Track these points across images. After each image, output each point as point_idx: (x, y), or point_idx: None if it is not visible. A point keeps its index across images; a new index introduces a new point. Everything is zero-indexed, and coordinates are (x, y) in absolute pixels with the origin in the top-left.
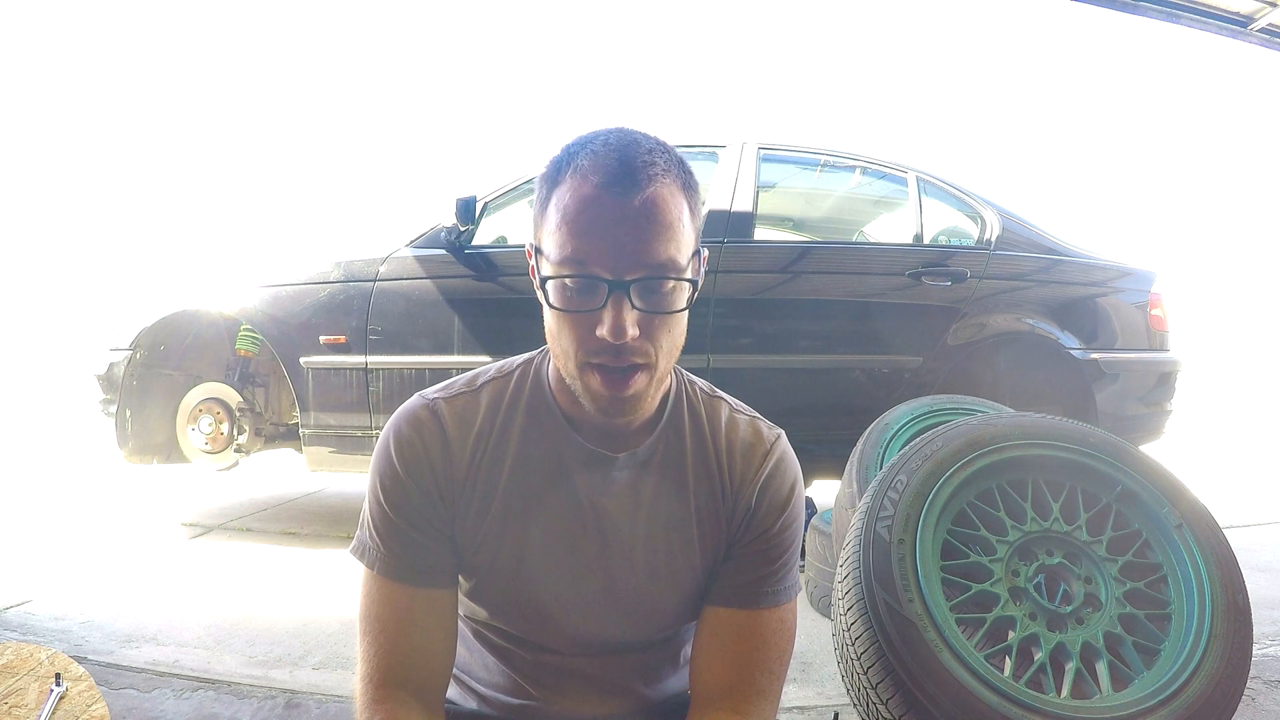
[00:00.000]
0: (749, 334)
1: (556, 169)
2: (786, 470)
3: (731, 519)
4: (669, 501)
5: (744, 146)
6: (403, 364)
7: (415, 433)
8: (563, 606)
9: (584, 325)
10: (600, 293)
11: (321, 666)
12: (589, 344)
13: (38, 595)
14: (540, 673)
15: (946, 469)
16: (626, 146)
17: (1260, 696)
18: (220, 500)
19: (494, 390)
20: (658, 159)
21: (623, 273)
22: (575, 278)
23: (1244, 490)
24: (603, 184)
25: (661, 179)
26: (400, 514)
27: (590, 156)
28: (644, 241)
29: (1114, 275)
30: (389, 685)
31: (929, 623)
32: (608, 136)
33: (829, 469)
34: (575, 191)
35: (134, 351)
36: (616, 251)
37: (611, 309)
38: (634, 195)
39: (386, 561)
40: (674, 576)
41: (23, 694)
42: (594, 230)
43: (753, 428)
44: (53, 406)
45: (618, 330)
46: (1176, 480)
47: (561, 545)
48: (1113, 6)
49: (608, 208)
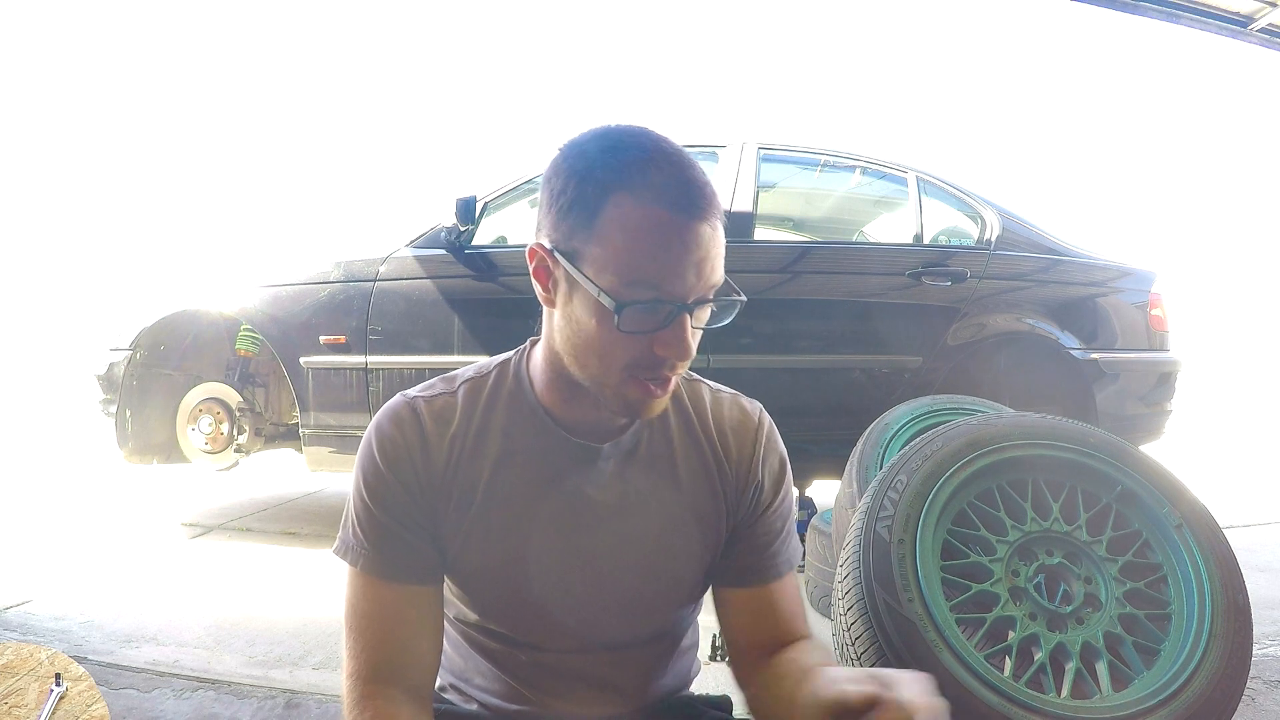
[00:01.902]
0: (749, 334)
1: (608, 175)
2: (777, 440)
3: (738, 499)
4: (659, 487)
5: (744, 146)
6: (403, 364)
7: (396, 429)
8: (556, 601)
9: (639, 344)
10: (662, 312)
11: (321, 666)
12: (642, 360)
13: (38, 595)
14: (536, 675)
15: (946, 469)
16: (687, 166)
17: (1260, 696)
18: (220, 500)
19: (471, 389)
20: (708, 182)
21: (687, 295)
22: (652, 303)
23: (1244, 490)
24: (679, 207)
25: (715, 202)
26: (384, 510)
27: (658, 174)
28: (709, 267)
29: (1114, 275)
30: (377, 682)
31: (929, 623)
32: (663, 147)
33: (829, 469)
34: (646, 211)
35: (134, 351)
36: (691, 276)
37: (676, 330)
38: (707, 219)
39: (371, 559)
40: (669, 562)
41: (23, 694)
42: (670, 254)
43: (737, 405)
44: (53, 406)
45: (683, 351)
46: (1176, 480)
47: (551, 540)
48: (1113, 6)
49: (685, 232)
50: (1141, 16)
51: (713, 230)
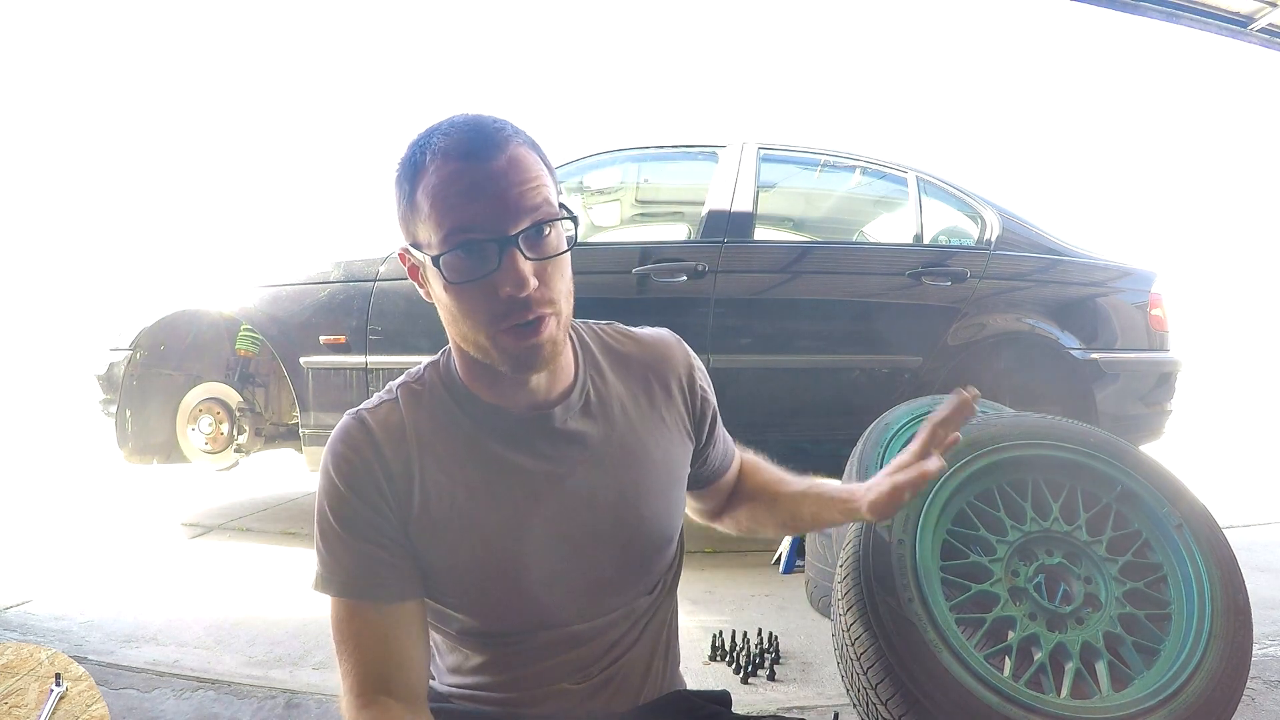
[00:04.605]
0: (749, 334)
1: (412, 163)
2: (689, 349)
3: (697, 413)
4: (618, 431)
5: (744, 146)
6: (403, 364)
7: (349, 448)
8: (546, 583)
9: (484, 293)
10: (491, 255)
11: (321, 666)
12: (495, 308)
13: (38, 595)
14: (532, 662)
15: (946, 469)
16: (473, 121)
17: (1260, 696)
18: (220, 500)
19: (409, 394)
20: (505, 126)
21: (505, 228)
22: (465, 246)
23: (1244, 490)
24: (464, 154)
25: (515, 139)
26: (353, 531)
27: (443, 138)
28: (518, 194)
29: (1114, 275)
30: (373, 693)
31: (929, 623)
32: (452, 119)
33: (829, 469)
34: (440, 171)
35: (134, 351)
36: (496, 210)
37: (507, 266)
38: (497, 157)
39: (350, 584)
40: (648, 499)
41: (23, 694)
42: (470, 197)
43: (659, 335)
44: (53, 407)
45: (519, 282)
46: (1176, 480)
47: (529, 523)
48: (1113, 6)
49: (477, 173)
50: (1141, 16)
51: (510, 162)
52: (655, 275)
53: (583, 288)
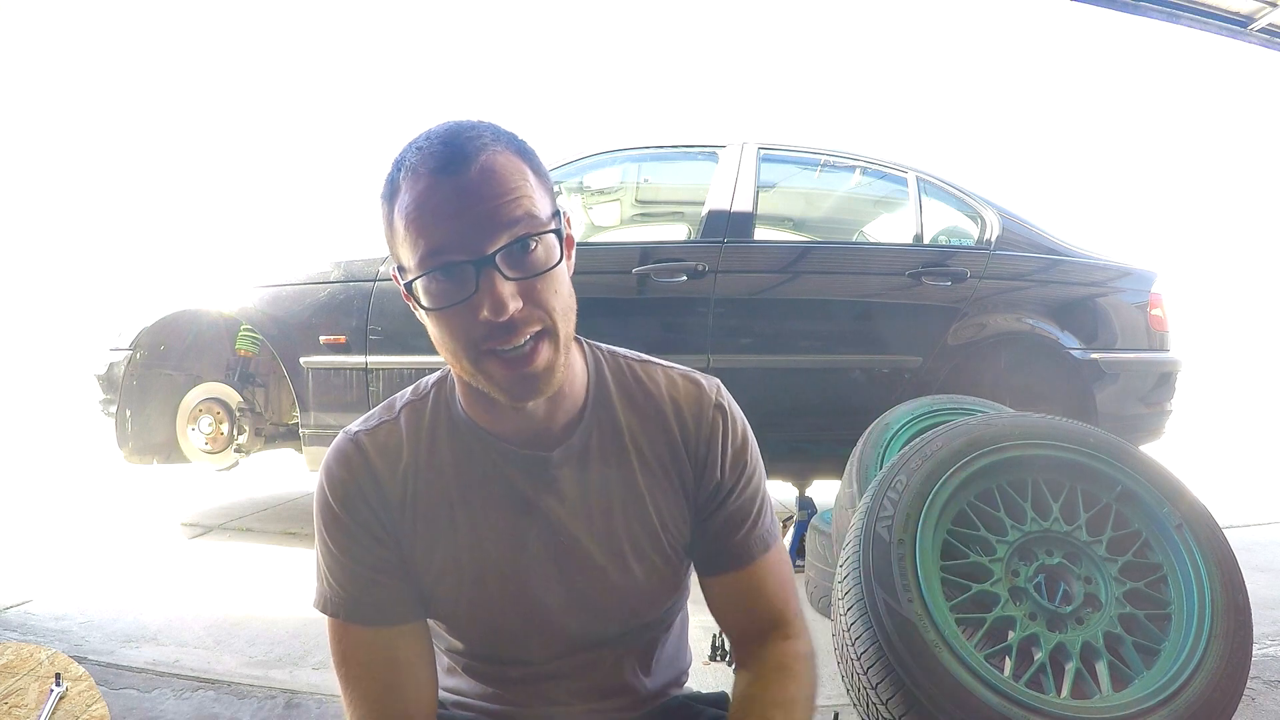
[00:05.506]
0: (749, 334)
1: (389, 181)
2: (738, 414)
3: (700, 478)
4: (620, 482)
5: (744, 147)
6: (403, 364)
7: (344, 470)
8: (538, 618)
9: (464, 317)
10: (468, 277)
11: (321, 666)
12: (474, 332)
13: (38, 595)
14: (530, 687)
15: (946, 469)
16: (448, 131)
17: (1260, 696)
18: (220, 500)
19: (412, 414)
20: (483, 133)
21: (482, 248)
22: (437, 270)
23: (1244, 490)
24: (434, 171)
25: (491, 147)
26: (350, 555)
27: (416, 154)
28: (491, 209)
29: (1114, 275)
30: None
31: (929, 623)
32: (430, 131)
33: (829, 469)
34: (411, 189)
35: (134, 351)
36: (469, 229)
37: (484, 288)
38: (468, 169)
39: (351, 608)
40: (641, 557)
41: (23, 694)
42: (439, 217)
43: (691, 380)
44: (53, 406)
45: (497, 306)
46: (1176, 480)
47: (524, 561)
48: (1113, 6)
49: (445, 189)
50: (1141, 16)
51: (484, 173)
52: (655, 275)
53: (583, 288)
